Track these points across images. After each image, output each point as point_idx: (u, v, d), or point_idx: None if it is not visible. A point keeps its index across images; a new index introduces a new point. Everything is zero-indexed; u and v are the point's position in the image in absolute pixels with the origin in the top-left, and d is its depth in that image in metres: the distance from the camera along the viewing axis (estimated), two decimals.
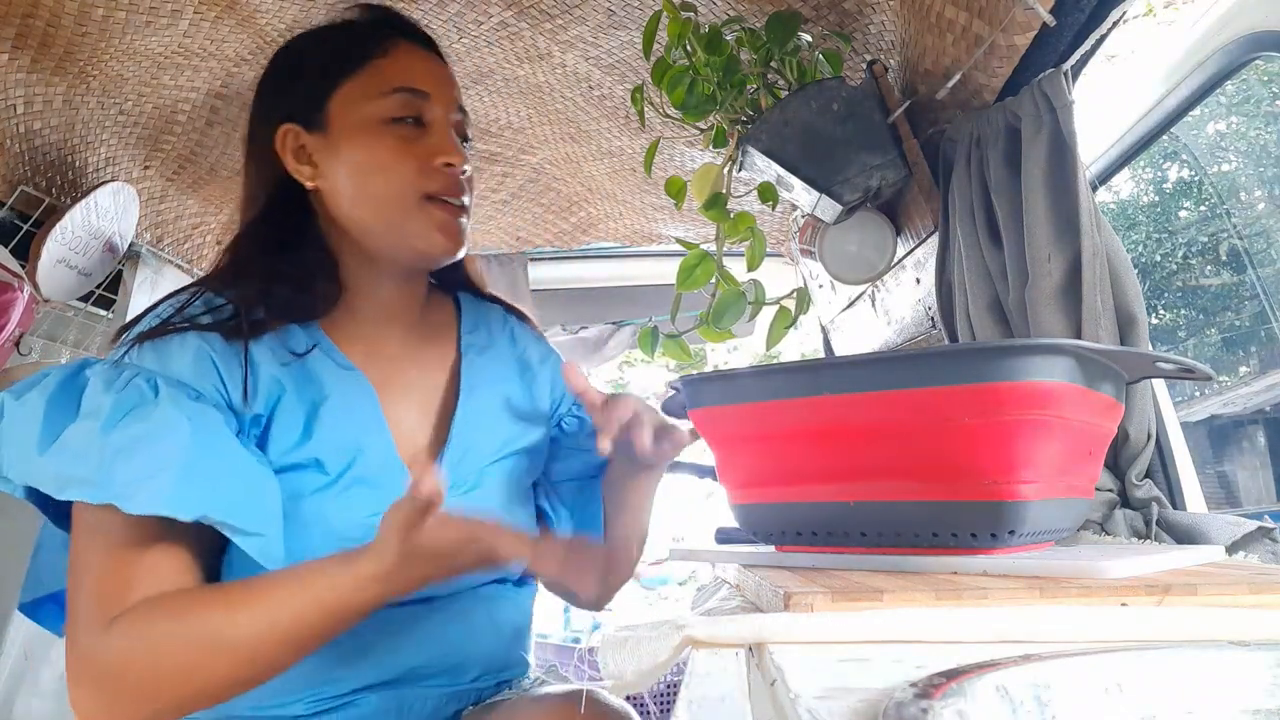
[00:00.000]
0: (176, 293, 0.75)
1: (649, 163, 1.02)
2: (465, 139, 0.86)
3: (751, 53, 0.95)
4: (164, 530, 0.62)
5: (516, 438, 0.84)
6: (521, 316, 0.95)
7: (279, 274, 0.76)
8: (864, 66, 1.00)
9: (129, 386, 0.64)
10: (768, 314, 1.04)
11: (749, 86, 0.97)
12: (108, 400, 0.63)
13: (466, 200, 0.82)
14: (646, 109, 1.01)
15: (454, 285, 0.92)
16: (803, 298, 1.03)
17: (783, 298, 1.01)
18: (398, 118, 0.79)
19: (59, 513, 0.66)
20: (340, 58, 0.81)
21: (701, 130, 1.04)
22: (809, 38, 1.00)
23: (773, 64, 0.96)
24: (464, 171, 0.81)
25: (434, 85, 0.83)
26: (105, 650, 0.59)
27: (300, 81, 0.81)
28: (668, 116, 0.98)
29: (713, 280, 0.97)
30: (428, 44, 0.87)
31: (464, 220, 0.82)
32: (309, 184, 0.79)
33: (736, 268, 1.02)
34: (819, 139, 0.94)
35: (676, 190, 1.03)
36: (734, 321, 0.97)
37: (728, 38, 0.95)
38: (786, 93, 0.96)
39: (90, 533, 0.63)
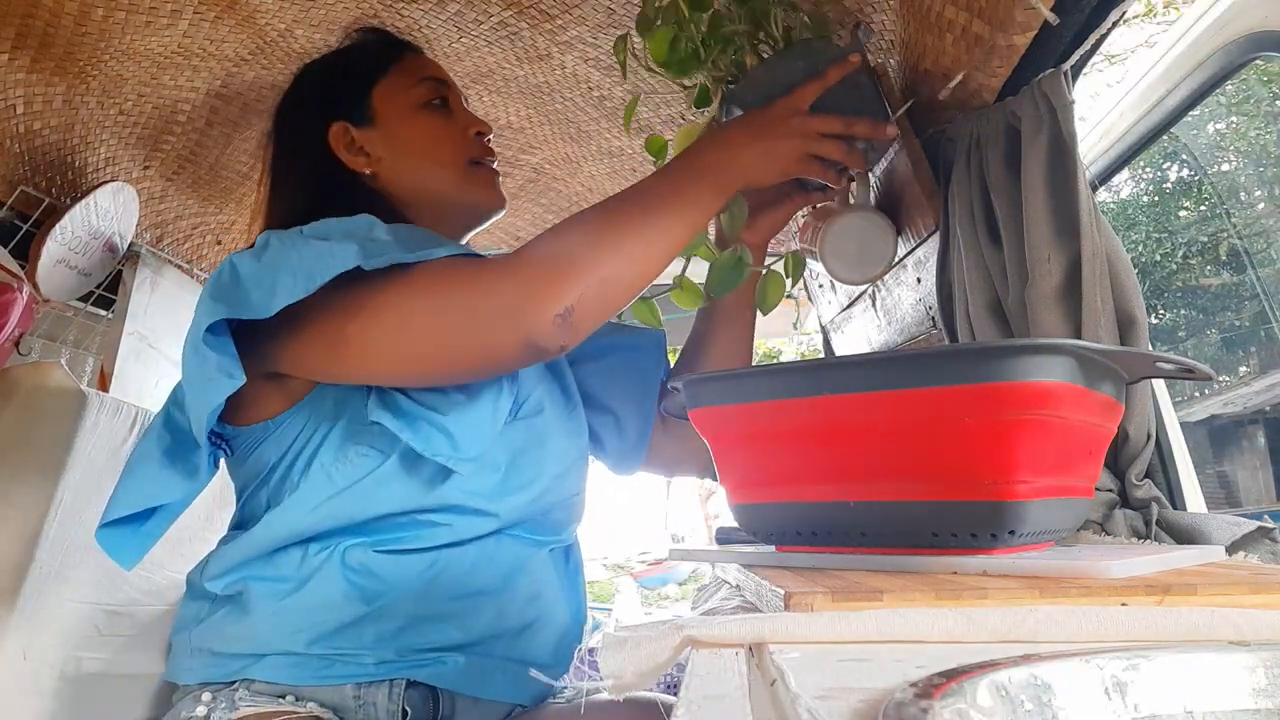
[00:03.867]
0: None
1: (628, 119, 1.00)
2: None
3: (738, 7, 0.92)
4: None
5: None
6: None
7: None
8: (850, 29, 0.99)
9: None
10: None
11: (734, 47, 0.94)
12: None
13: (496, 164, 0.98)
14: (630, 67, 0.98)
15: None
16: (797, 262, 1.01)
17: (773, 261, 1.00)
18: (429, 102, 0.94)
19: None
20: (373, 61, 0.97)
21: (686, 87, 1.02)
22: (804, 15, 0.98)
23: (761, 26, 0.93)
24: (489, 139, 0.98)
25: (447, 77, 0.99)
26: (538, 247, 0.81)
27: (342, 86, 0.96)
28: (651, 71, 0.95)
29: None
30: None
31: (499, 179, 0.98)
32: (366, 170, 0.92)
33: None
34: None
35: (657, 149, 1.00)
36: (732, 287, 0.95)
37: None
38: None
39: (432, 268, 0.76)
